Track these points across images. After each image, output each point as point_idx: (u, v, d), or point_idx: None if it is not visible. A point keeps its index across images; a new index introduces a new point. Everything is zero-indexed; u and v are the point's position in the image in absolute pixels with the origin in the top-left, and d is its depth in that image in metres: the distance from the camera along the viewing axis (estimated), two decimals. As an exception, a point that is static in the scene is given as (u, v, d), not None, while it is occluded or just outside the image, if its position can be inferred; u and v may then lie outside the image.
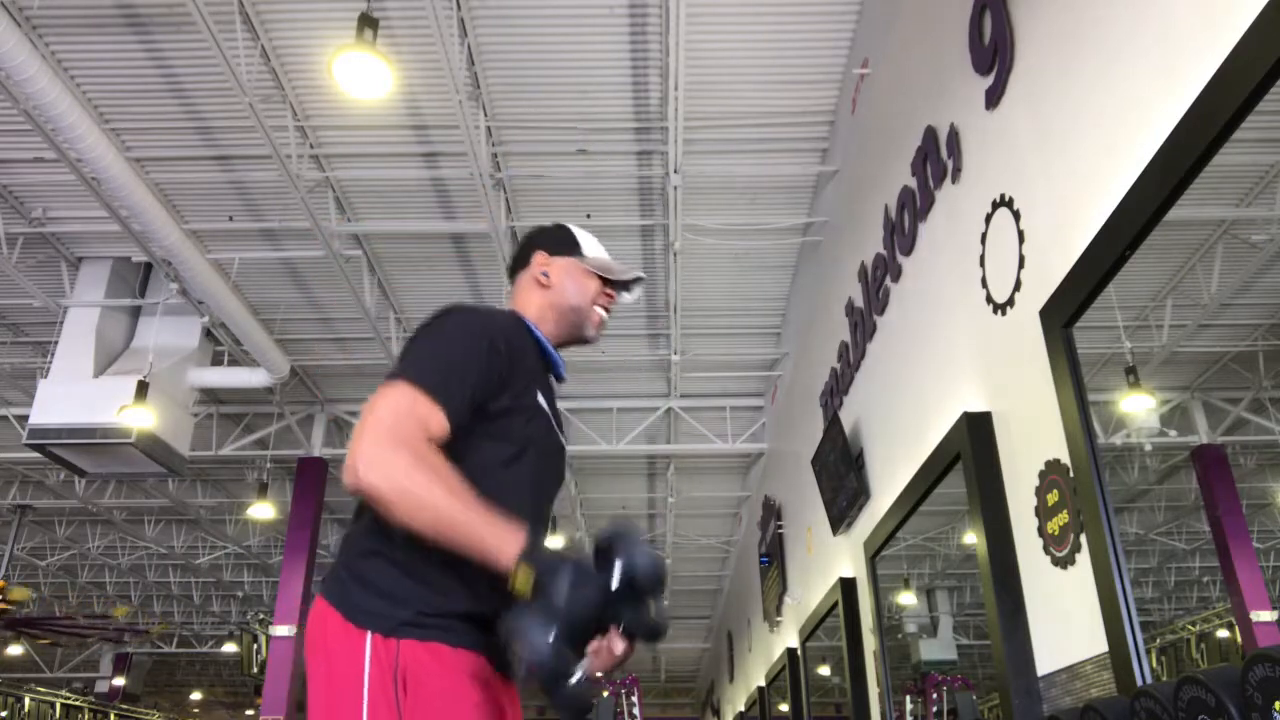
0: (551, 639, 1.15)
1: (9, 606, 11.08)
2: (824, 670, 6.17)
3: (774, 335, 7.74)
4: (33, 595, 13.39)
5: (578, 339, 1.73)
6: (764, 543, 8.11)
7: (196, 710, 22.48)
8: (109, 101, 5.37)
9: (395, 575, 1.35)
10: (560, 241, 1.77)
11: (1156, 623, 2.25)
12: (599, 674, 1.26)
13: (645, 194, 6.05)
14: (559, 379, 1.70)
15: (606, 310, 1.75)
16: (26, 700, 11.68)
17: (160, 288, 7.00)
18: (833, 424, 4.80)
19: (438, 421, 1.35)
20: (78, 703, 12.83)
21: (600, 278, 1.75)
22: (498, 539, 1.25)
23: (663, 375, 8.35)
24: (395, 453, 1.25)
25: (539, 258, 1.75)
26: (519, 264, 1.78)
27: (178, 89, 5.28)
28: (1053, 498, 2.44)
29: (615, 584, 1.22)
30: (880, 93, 4.39)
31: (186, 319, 7.22)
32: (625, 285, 1.80)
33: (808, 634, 5.90)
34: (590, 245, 1.77)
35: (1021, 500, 2.65)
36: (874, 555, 4.16)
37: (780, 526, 7.32)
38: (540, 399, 1.57)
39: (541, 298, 1.71)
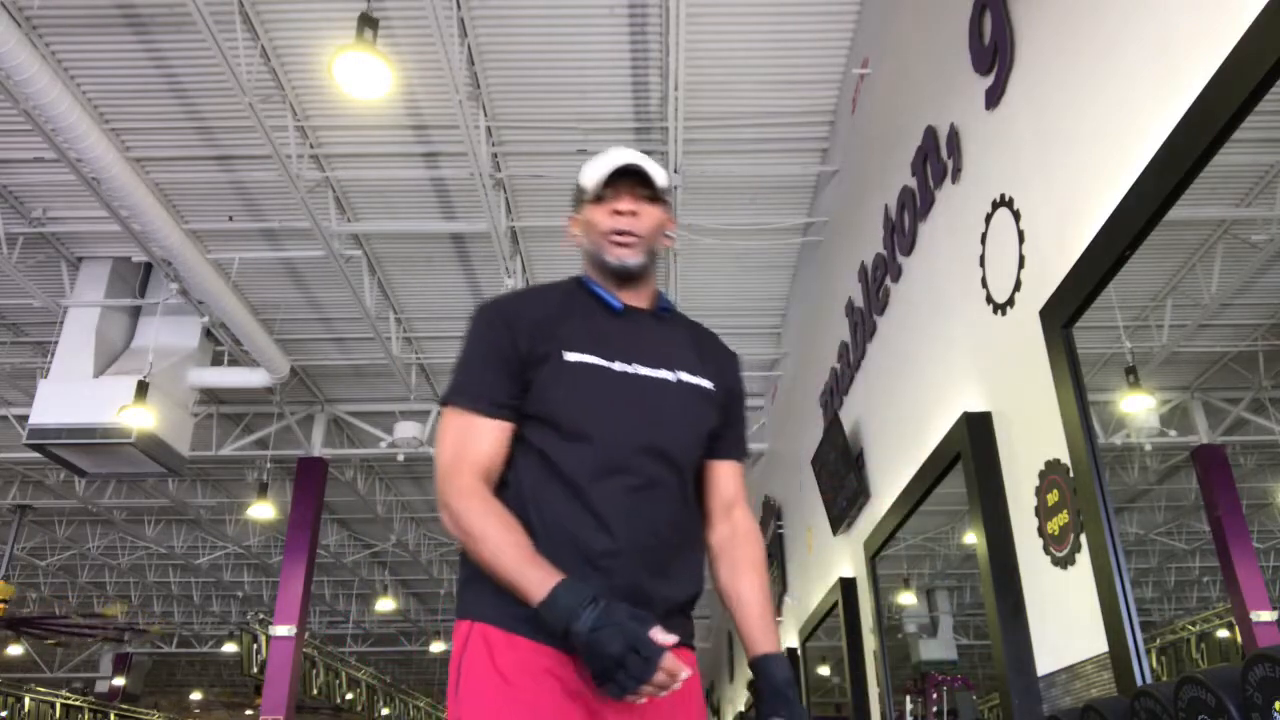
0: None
1: None
2: (824, 670, 6.17)
3: (774, 335, 7.74)
4: (15, 593, 13.37)
5: (613, 273, 1.65)
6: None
7: (197, 711, 22.49)
8: (109, 101, 5.37)
9: (479, 574, 1.49)
10: (576, 199, 1.75)
11: (1156, 623, 2.25)
12: None
13: (645, 194, 6.04)
14: (614, 312, 1.64)
15: (620, 230, 1.64)
16: (26, 700, 11.68)
17: (160, 288, 7.00)
18: (833, 424, 4.80)
19: (483, 433, 1.52)
20: (78, 703, 12.83)
21: (599, 199, 1.68)
22: (528, 584, 1.37)
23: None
24: (449, 501, 1.47)
25: (571, 225, 1.75)
26: None
27: (178, 89, 5.28)
28: (1053, 498, 2.44)
29: None
30: (880, 93, 4.39)
31: (186, 319, 7.22)
32: (620, 184, 1.67)
33: (808, 634, 5.90)
34: (590, 175, 1.69)
35: (1021, 500, 2.65)
36: (874, 555, 4.16)
37: (780, 526, 7.32)
38: (584, 353, 1.55)
39: (583, 256, 1.73)
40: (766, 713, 1.47)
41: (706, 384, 1.64)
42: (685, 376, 1.62)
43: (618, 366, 1.57)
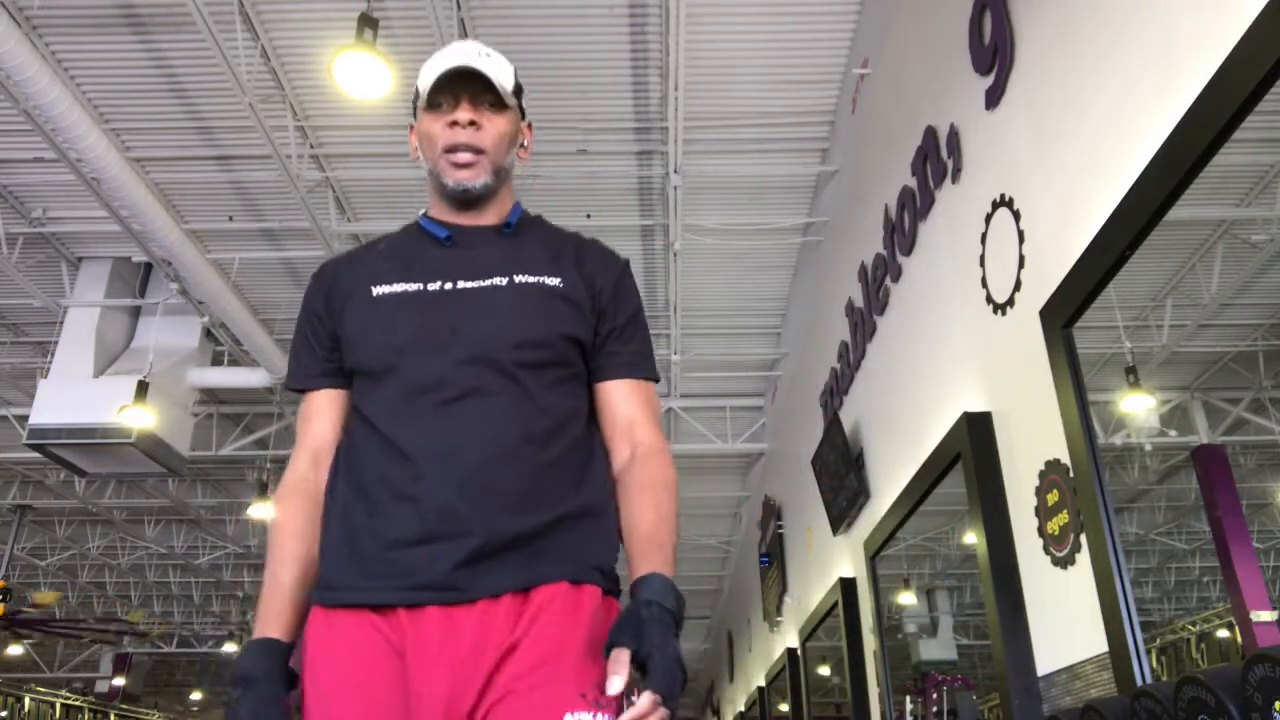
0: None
1: (34, 609, 11.08)
2: (824, 670, 6.17)
3: (774, 335, 7.74)
4: (61, 597, 13.38)
5: (454, 197, 1.43)
6: (764, 543, 8.11)
7: (196, 711, 22.50)
8: (109, 101, 5.37)
9: None
10: (413, 106, 1.50)
11: (1156, 623, 2.25)
12: None
13: (645, 194, 6.05)
14: (441, 242, 1.43)
15: (456, 145, 1.40)
16: (26, 700, 11.68)
17: (160, 288, 7.00)
18: (833, 424, 4.80)
19: (308, 410, 1.43)
20: (78, 703, 12.82)
21: (433, 106, 1.43)
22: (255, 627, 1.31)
23: (663, 375, 8.36)
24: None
25: (410, 138, 1.53)
26: None
27: (178, 89, 5.28)
28: (1053, 498, 2.44)
29: None
30: (880, 93, 4.39)
31: (186, 319, 7.22)
32: (447, 95, 1.41)
33: (808, 634, 5.90)
34: (423, 77, 1.43)
35: (1021, 500, 2.65)
36: (874, 555, 4.16)
37: (780, 526, 7.32)
38: (395, 283, 1.38)
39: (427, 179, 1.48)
40: (614, 639, 1.14)
41: (552, 280, 1.38)
42: (522, 278, 1.38)
43: (433, 287, 1.37)
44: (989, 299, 2.91)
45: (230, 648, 16.06)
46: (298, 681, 1.24)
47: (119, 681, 17.28)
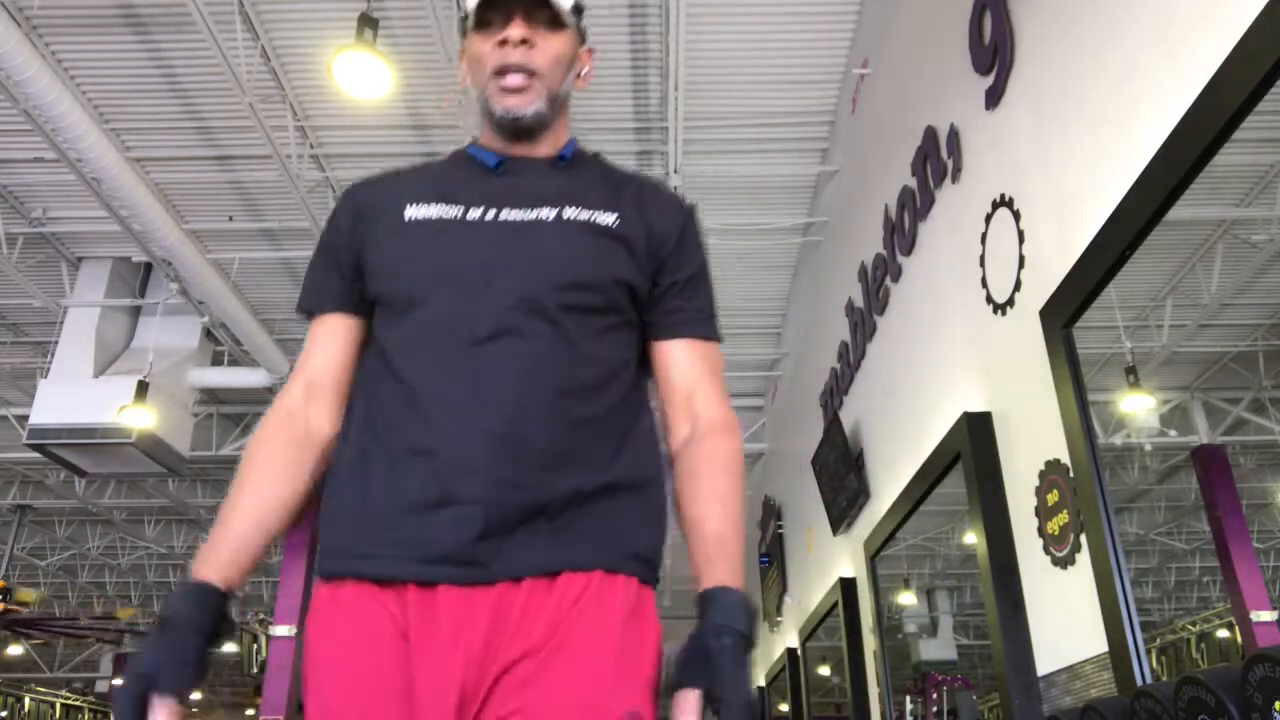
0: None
1: (16, 608, 11.08)
2: (824, 670, 6.17)
3: (774, 335, 7.74)
4: (42, 595, 13.37)
5: (503, 126, 1.27)
6: (764, 543, 8.11)
7: (196, 711, 22.48)
8: (109, 101, 5.37)
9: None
10: (460, 27, 1.37)
11: (1156, 623, 2.25)
12: None
13: (645, 194, 6.05)
14: (489, 169, 1.28)
15: (507, 67, 1.25)
16: (26, 700, 11.68)
17: (160, 288, 7.00)
18: (833, 424, 4.80)
19: (313, 337, 1.26)
20: (78, 703, 12.83)
21: (483, 25, 1.28)
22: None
23: (663, 375, 8.34)
24: None
25: (460, 64, 1.37)
26: None
27: (178, 89, 5.28)
28: (1053, 498, 2.44)
29: None
30: (880, 93, 4.39)
31: (186, 319, 7.22)
32: (498, 11, 1.27)
33: (808, 634, 5.90)
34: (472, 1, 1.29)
35: (1021, 500, 2.65)
36: (874, 555, 4.16)
37: (780, 526, 7.32)
38: (431, 204, 1.23)
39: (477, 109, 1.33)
40: (682, 677, 1.00)
41: (606, 217, 1.23)
42: (574, 213, 1.22)
43: (474, 215, 1.21)
44: (989, 299, 2.90)
45: (231, 648, 16.05)
46: (232, 633, 1.08)
47: (119, 681, 17.26)
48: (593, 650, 1.02)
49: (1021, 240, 2.67)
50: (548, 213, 1.22)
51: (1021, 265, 2.67)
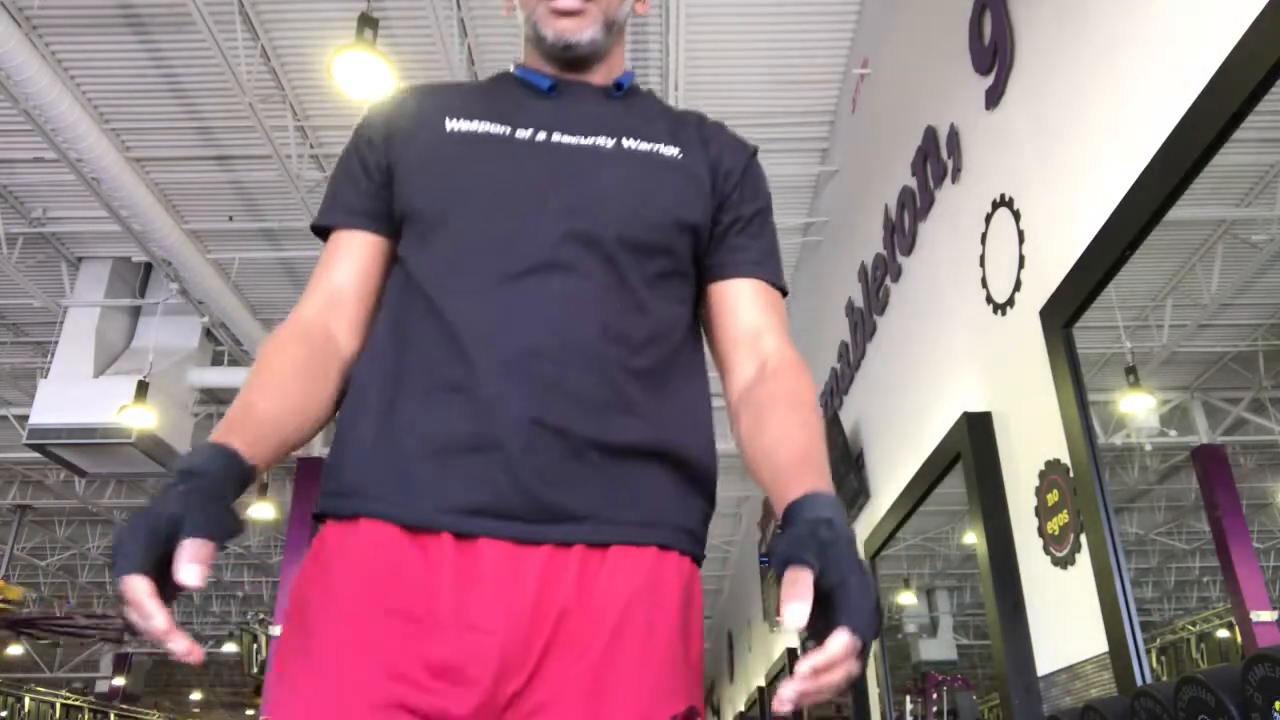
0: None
1: (6, 606, 11.08)
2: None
3: (774, 335, 7.74)
4: (31, 595, 13.37)
5: (554, 54, 1.18)
6: (764, 543, 8.12)
7: (197, 711, 22.49)
8: (109, 101, 5.37)
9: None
10: None
11: (1156, 623, 2.25)
12: None
13: (645, 194, 6.05)
14: (541, 91, 1.18)
15: None
16: (26, 700, 11.68)
17: (160, 288, 7.00)
18: (833, 424, 4.80)
19: (331, 251, 1.14)
20: (78, 703, 12.83)
21: None
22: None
23: (663, 375, 8.34)
24: None
25: None
26: None
27: (178, 89, 5.28)
28: (1053, 498, 2.44)
29: None
30: (880, 93, 4.39)
31: (186, 319, 7.22)
32: None
33: (808, 634, 5.90)
34: None
35: (1021, 500, 2.65)
36: (874, 555, 4.16)
37: (780, 527, 7.31)
38: (476, 120, 1.11)
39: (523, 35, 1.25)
40: (787, 559, 0.83)
41: (669, 150, 1.13)
42: (635, 144, 1.11)
43: (523, 134, 1.10)
44: (989, 299, 2.91)
45: (231, 648, 16.05)
46: (254, 481, 0.93)
47: (119, 681, 17.28)
48: (651, 660, 0.92)
49: (1021, 240, 2.67)
50: (605, 141, 1.10)
51: (1021, 265, 2.67)
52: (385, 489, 0.95)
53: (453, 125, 1.10)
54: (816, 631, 0.83)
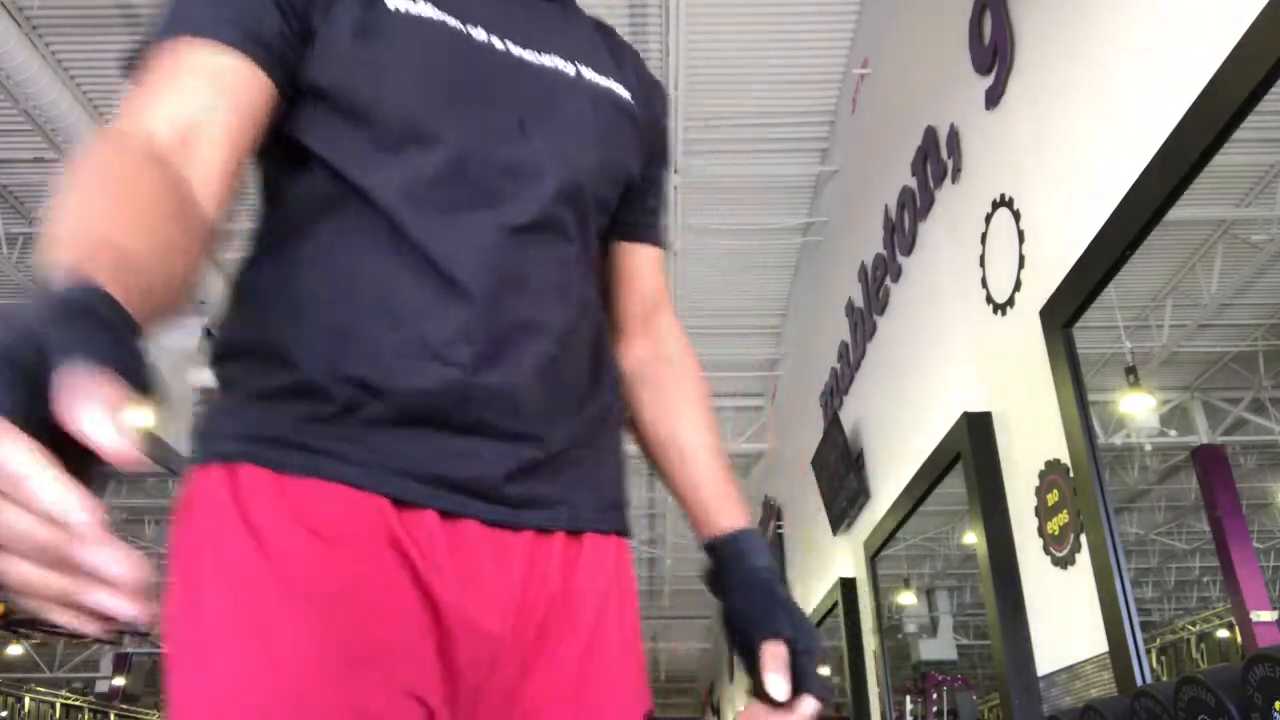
0: None
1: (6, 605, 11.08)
2: (824, 670, 6.16)
3: (774, 335, 7.74)
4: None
5: None
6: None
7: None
8: (109, 101, 5.37)
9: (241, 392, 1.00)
10: None
11: (1156, 623, 2.25)
12: None
13: (645, 194, 6.05)
14: None
15: None
16: (26, 700, 11.69)
17: (160, 288, 7.00)
18: (833, 424, 4.80)
19: (181, 71, 0.78)
20: (78, 703, 12.83)
21: None
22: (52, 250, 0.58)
23: (663, 375, 8.33)
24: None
25: None
26: None
27: (178, 89, 5.28)
28: (1053, 498, 2.44)
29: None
30: (880, 93, 4.39)
31: (186, 319, 7.23)
32: None
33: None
34: None
35: (1021, 500, 2.65)
36: (874, 555, 4.17)
37: (780, 526, 7.32)
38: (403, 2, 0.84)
39: None
40: (761, 629, 0.86)
41: (623, 91, 0.97)
42: (591, 75, 0.94)
43: (477, 35, 0.86)
44: (989, 299, 2.91)
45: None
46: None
47: (119, 681, 17.29)
48: (626, 658, 0.88)
49: (1021, 240, 2.67)
50: (565, 66, 0.93)
51: (1021, 265, 2.67)
52: (353, 450, 0.80)
53: (394, 3, 0.84)
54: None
